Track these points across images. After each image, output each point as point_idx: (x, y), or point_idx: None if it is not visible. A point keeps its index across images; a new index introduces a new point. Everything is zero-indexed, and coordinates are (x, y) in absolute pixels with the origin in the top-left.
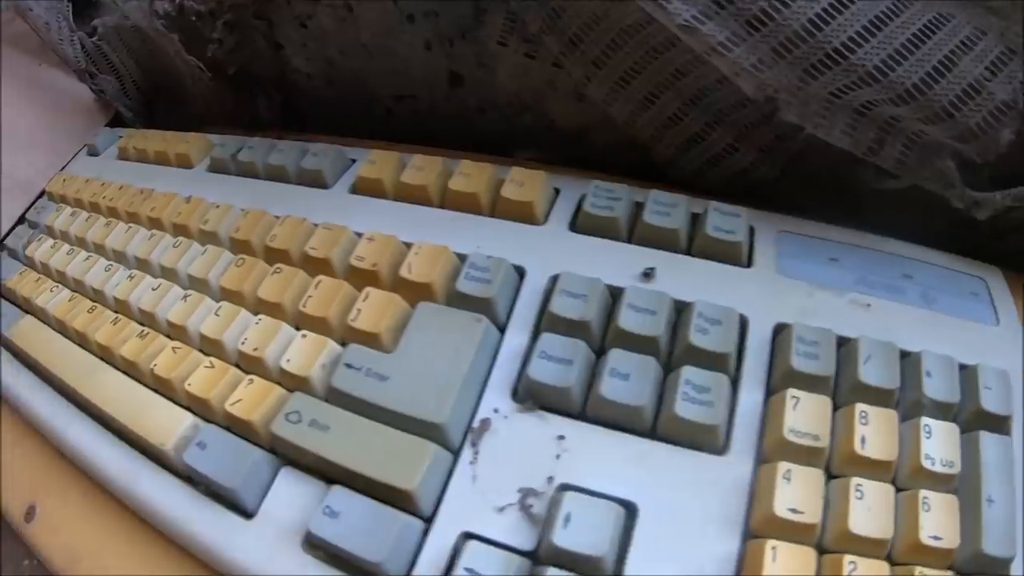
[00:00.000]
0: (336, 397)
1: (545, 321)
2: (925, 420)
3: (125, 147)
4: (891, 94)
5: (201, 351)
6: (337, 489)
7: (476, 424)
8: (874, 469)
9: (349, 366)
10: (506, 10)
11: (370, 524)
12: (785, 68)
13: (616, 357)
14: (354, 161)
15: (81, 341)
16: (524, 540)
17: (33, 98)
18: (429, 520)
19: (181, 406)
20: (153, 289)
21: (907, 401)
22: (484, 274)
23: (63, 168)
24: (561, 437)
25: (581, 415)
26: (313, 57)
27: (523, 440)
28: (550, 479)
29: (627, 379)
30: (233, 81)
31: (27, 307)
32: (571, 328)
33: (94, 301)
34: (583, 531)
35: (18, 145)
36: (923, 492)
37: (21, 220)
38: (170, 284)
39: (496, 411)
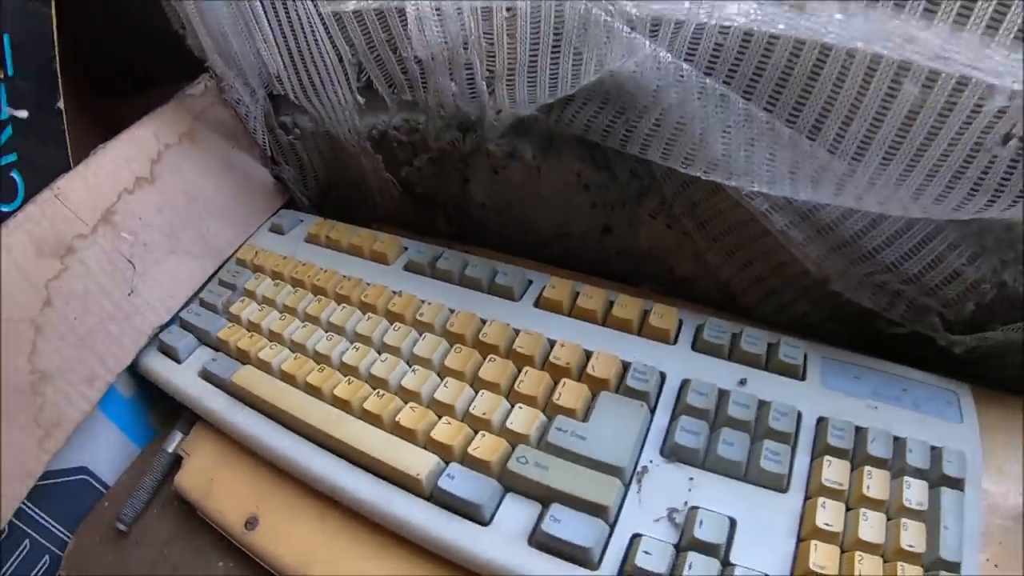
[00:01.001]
0: (550, 448)
1: (680, 408)
2: (907, 478)
3: (317, 234)
4: (900, 278)
5: (432, 410)
6: (556, 505)
7: (639, 468)
8: (874, 505)
9: (559, 429)
10: (661, 195)
11: (581, 526)
12: (837, 258)
13: (726, 432)
14: (531, 282)
15: (312, 392)
16: (671, 537)
17: (224, 176)
18: (612, 526)
19: (422, 448)
20: (381, 361)
21: (896, 467)
22: (644, 376)
23: (248, 239)
24: (691, 478)
25: (703, 465)
26: (495, 195)
27: (668, 480)
28: (685, 502)
29: (732, 445)
30: (417, 197)
31: (243, 359)
32: (699, 413)
33: (317, 363)
34: (707, 531)
35: (212, 216)
36: (903, 519)
37: (211, 278)
38: (396, 359)
39: (651, 462)
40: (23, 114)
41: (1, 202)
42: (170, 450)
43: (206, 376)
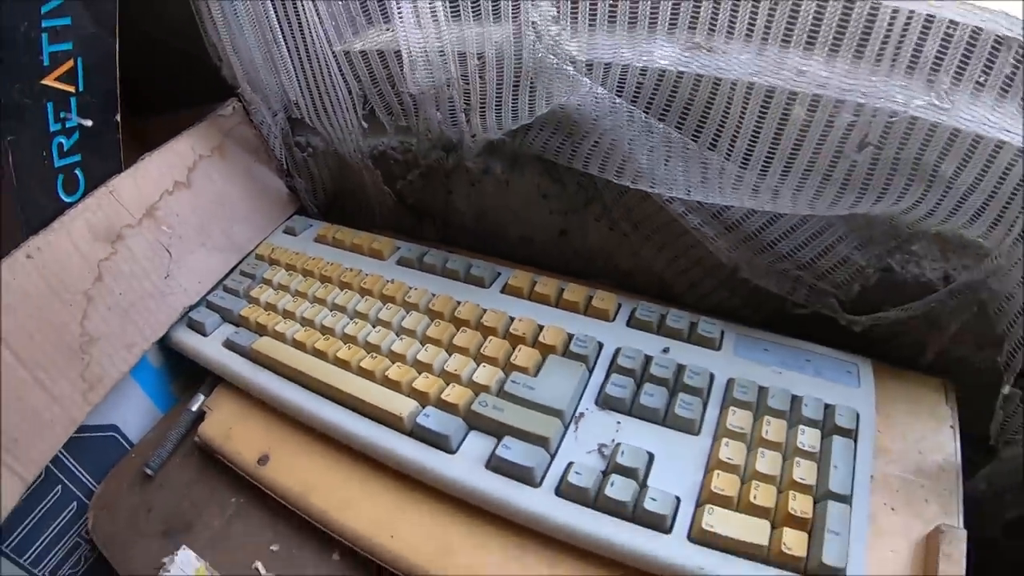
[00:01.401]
0: (506, 396)
1: (613, 368)
2: (802, 427)
3: (324, 235)
4: (797, 265)
5: (414, 369)
6: (508, 438)
7: (577, 414)
8: (771, 446)
9: (514, 382)
10: (603, 202)
11: (527, 453)
12: (743, 250)
13: (648, 387)
14: (499, 274)
15: (319, 356)
16: (600, 465)
17: (247, 184)
18: (552, 456)
19: (405, 396)
20: (375, 332)
21: (793, 418)
22: (584, 343)
23: (265, 238)
24: (619, 422)
25: (629, 412)
26: (472, 204)
27: (600, 423)
28: (613, 440)
29: (653, 396)
30: (409, 207)
31: (261, 332)
32: (627, 372)
33: (323, 334)
34: (628, 459)
35: (236, 218)
36: (796, 458)
37: (233, 270)
38: (387, 331)
39: (587, 409)
40: (88, 123)
41: (66, 194)
42: (194, 408)
43: (229, 346)
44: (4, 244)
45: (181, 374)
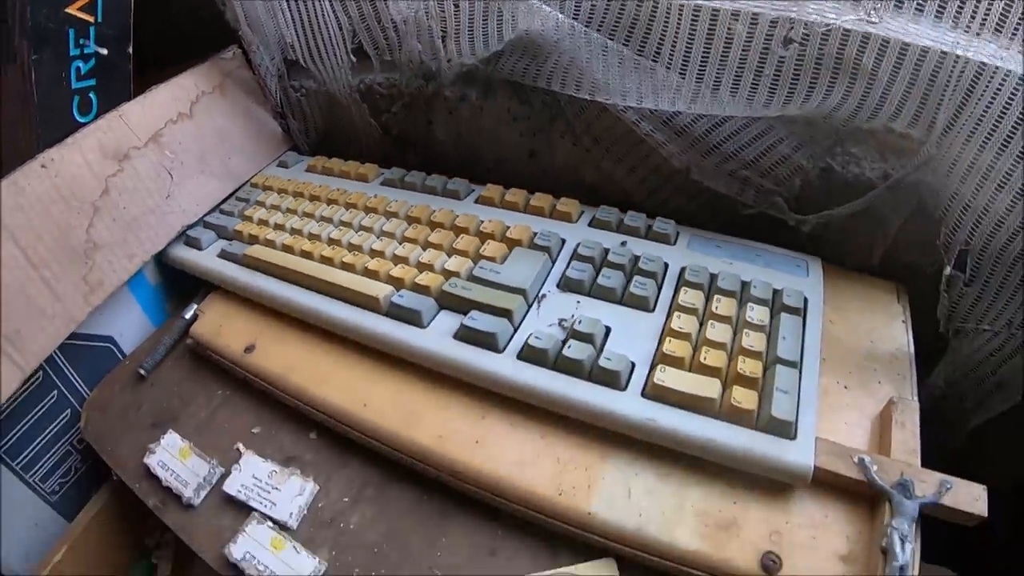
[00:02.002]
0: (474, 279)
1: (574, 257)
2: (750, 304)
3: (314, 165)
4: (741, 164)
5: (391, 262)
6: (475, 312)
7: (540, 295)
8: (721, 319)
9: (482, 268)
10: (566, 120)
11: (491, 322)
12: (693, 153)
13: (606, 271)
14: (474, 189)
15: (306, 256)
16: (560, 335)
17: (245, 121)
18: (516, 328)
19: (382, 282)
20: (357, 235)
21: (743, 298)
22: (547, 237)
23: (260, 171)
24: (578, 302)
25: (588, 293)
26: (450, 131)
27: (561, 302)
28: (573, 315)
29: (610, 279)
30: (393, 138)
31: (253, 242)
32: (586, 260)
33: (310, 240)
34: (585, 327)
35: (233, 150)
36: (746, 329)
37: (230, 196)
38: (369, 234)
39: (549, 291)
40: (104, 51)
41: (80, 115)
42: (187, 316)
43: (223, 255)
44: (22, 156)
45: (176, 293)
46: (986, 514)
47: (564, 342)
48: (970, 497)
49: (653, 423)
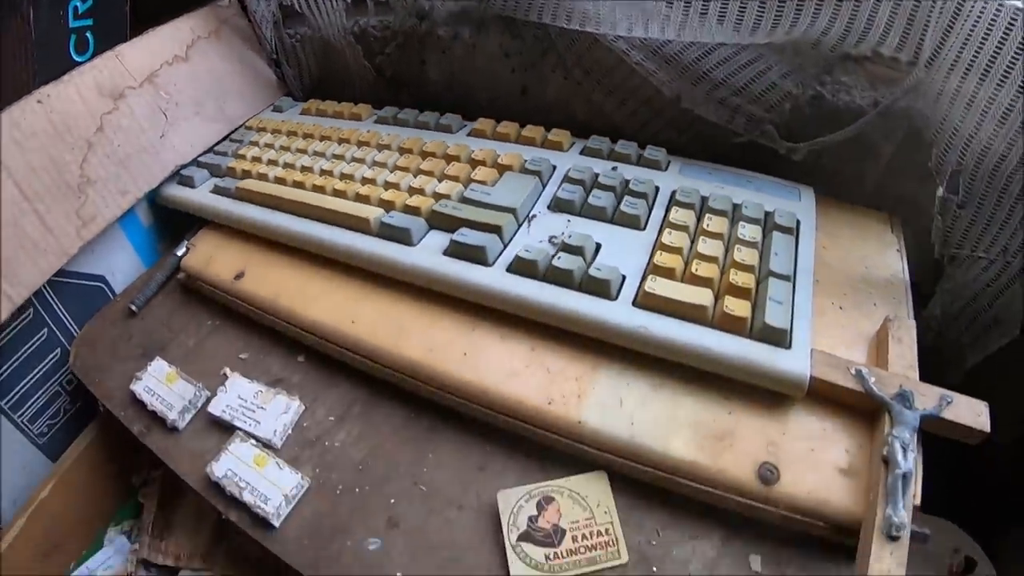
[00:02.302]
0: (464, 200)
1: (565, 180)
2: (742, 223)
3: (308, 108)
4: (731, 91)
5: (382, 188)
6: (464, 229)
7: (530, 215)
8: (712, 236)
9: (472, 190)
10: (557, 53)
11: (480, 237)
12: (683, 81)
13: (596, 192)
14: (466, 124)
15: (298, 186)
16: (551, 250)
17: (240, 67)
18: (505, 245)
19: (373, 206)
20: (349, 165)
21: (735, 217)
22: (538, 163)
23: (256, 115)
24: (569, 220)
25: (579, 213)
26: (443, 71)
27: (551, 222)
28: (563, 232)
29: (600, 199)
30: (387, 80)
31: (245, 176)
32: (577, 182)
33: (302, 172)
34: (575, 240)
35: (228, 95)
36: (738, 245)
37: (226, 139)
38: (361, 164)
39: (540, 212)
40: None
41: (77, 53)
42: (179, 253)
43: (216, 191)
44: (18, 92)
45: (168, 235)
46: (988, 430)
47: (554, 255)
48: (972, 413)
49: (645, 331)
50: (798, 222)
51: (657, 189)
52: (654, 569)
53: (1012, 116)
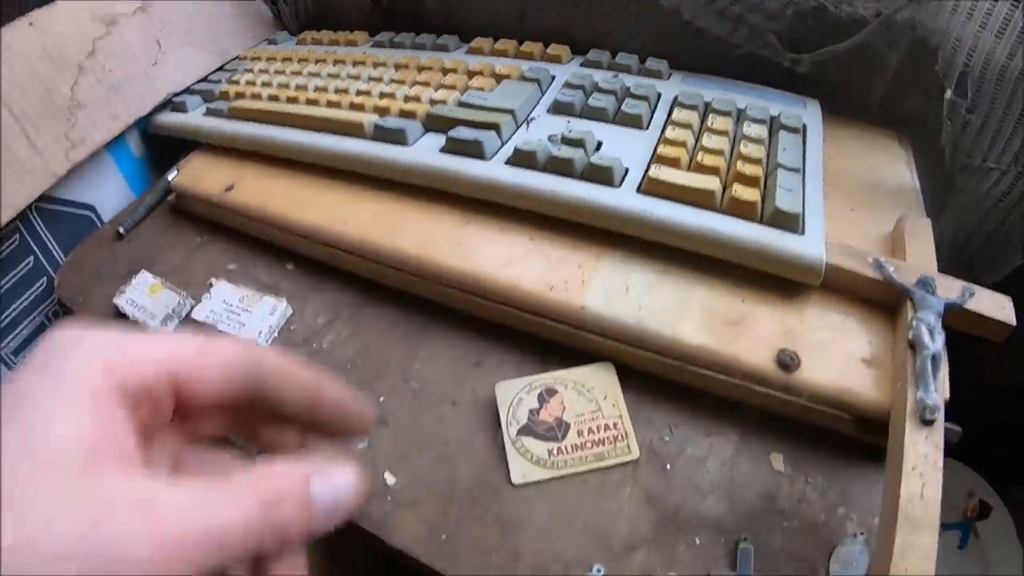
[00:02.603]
0: (461, 104)
1: (564, 86)
2: (747, 122)
3: (304, 38)
4: (731, 0)
5: (377, 99)
6: (460, 127)
7: (529, 118)
8: (717, 132)
9: (470, 95)
10: None
11: (480, 134)
12: None
13: (596, 95)
14: (464, 44)
15: (291, 101)
16: (551, 144)
17: (236, 3)
18: (504, 142)
19: (367, 113)
20: (344, 82)
21: (740, 118)
22: (536, 71)
23: (252, 47)
24: (569, 122)
25: (579, 114)
26: (440, 0)
27: (551, 122)
28: (563, 129)
29: (601, 100)
30: (384, 10)
31: (239, 98)
32: (576, 87)
33: (298, 90)
34: (576, 133)
35: (222, 29)
36: (743, 141)
37: (219, 70)
38: (356, 80)
39: (539, 115)
40: None
41: None
42: (170, 177)
43: (208, 113)
44: (9, 14)
45: (159, 166)
46: (1014, 322)
47: (554, 148)
48: (996, 305)
49: (651, 214)
50: (804, 126)
51: (659, 95)
52: (667, 467)
53: (1010, 27)
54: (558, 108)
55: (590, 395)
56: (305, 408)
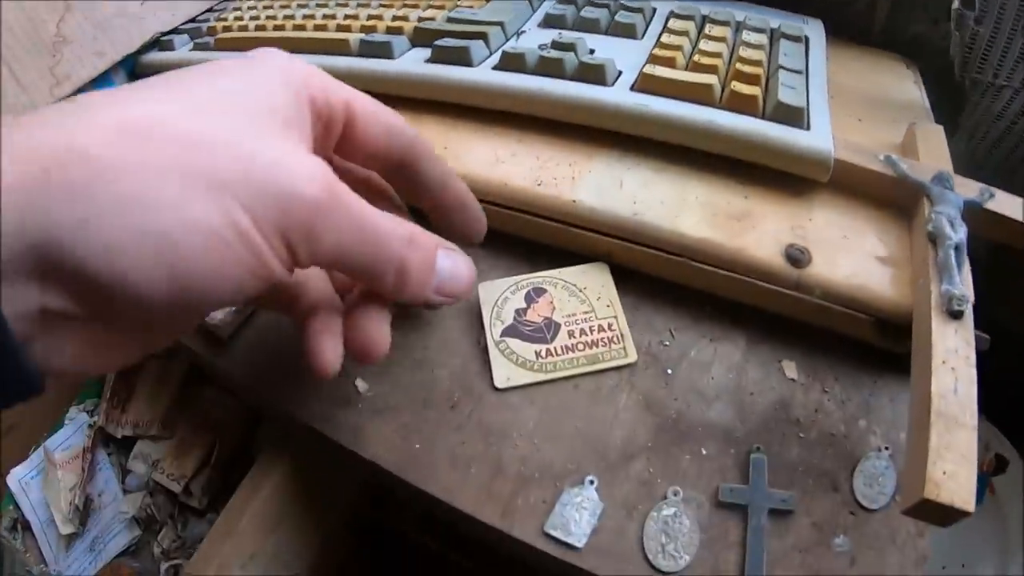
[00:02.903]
0: (451, 21)
1: (556, 1)
2: (745, 31)
3: None
4: None
5: (365, 20)
6: (447, 37)
7: (519, 31)
8: (715, 40)
9: (458, 11)
10: None
11: (467, 43)
12: None
13: (589, 9)
14: None
15: (278, 30)
16: (543, 51)
17: None
18: (492, 52)
19: (354, 33)
20: (331, 9)
21: (739, 28)
22: None
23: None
24: (560, 33)
25: (571, 27)
26: None
27: (541, 35)
28: (553, 39)
29: (593, 12)
30: None
31: (226, 32)
32: (567, 3)
33: (284, 19)
34: (569, 40)
35: None
36: (743, 47)
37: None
38: (344, 8)
39: (528, 29)
40: None
41: None
42: None
43: (195, 47)
44: None
45: None
46: None
47: (544, 52)
48: (1016, 207)
49: (646, 108)
50: (807, 37)
51: (654, 9)
52: (668, 372)
53: None
54: (549, 21)
55: (582, 295)
56: (439, 186)
